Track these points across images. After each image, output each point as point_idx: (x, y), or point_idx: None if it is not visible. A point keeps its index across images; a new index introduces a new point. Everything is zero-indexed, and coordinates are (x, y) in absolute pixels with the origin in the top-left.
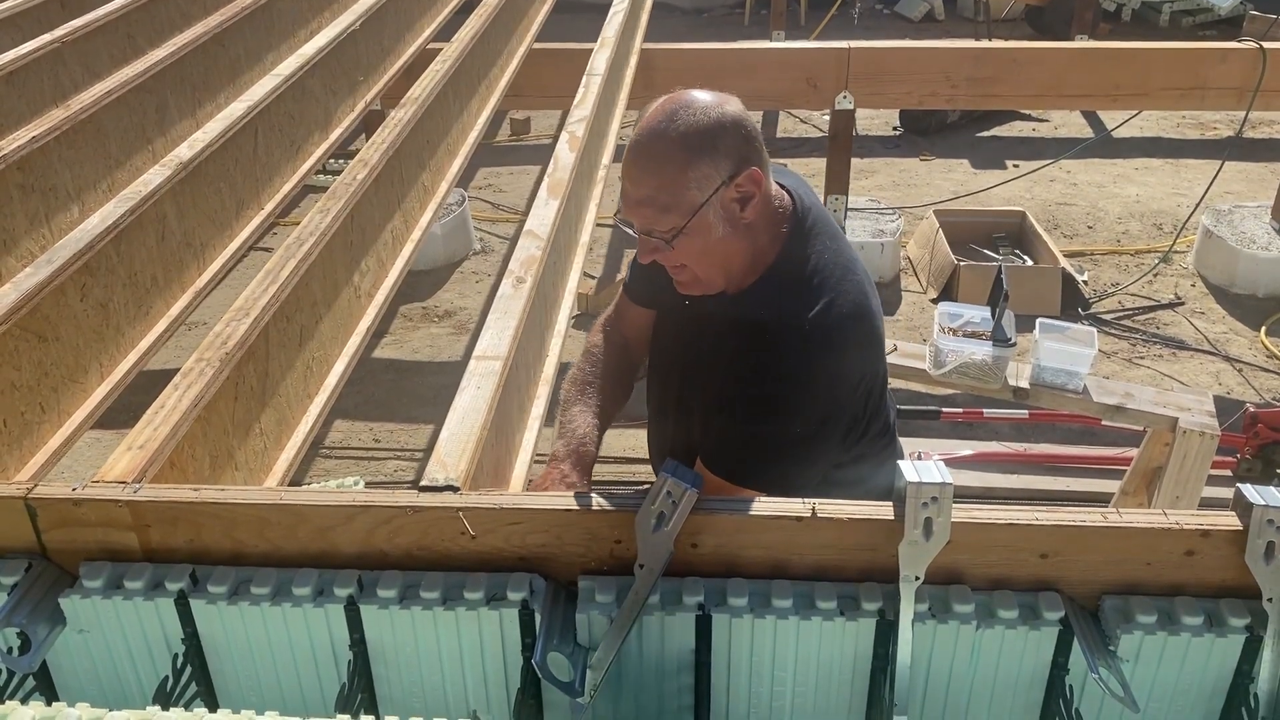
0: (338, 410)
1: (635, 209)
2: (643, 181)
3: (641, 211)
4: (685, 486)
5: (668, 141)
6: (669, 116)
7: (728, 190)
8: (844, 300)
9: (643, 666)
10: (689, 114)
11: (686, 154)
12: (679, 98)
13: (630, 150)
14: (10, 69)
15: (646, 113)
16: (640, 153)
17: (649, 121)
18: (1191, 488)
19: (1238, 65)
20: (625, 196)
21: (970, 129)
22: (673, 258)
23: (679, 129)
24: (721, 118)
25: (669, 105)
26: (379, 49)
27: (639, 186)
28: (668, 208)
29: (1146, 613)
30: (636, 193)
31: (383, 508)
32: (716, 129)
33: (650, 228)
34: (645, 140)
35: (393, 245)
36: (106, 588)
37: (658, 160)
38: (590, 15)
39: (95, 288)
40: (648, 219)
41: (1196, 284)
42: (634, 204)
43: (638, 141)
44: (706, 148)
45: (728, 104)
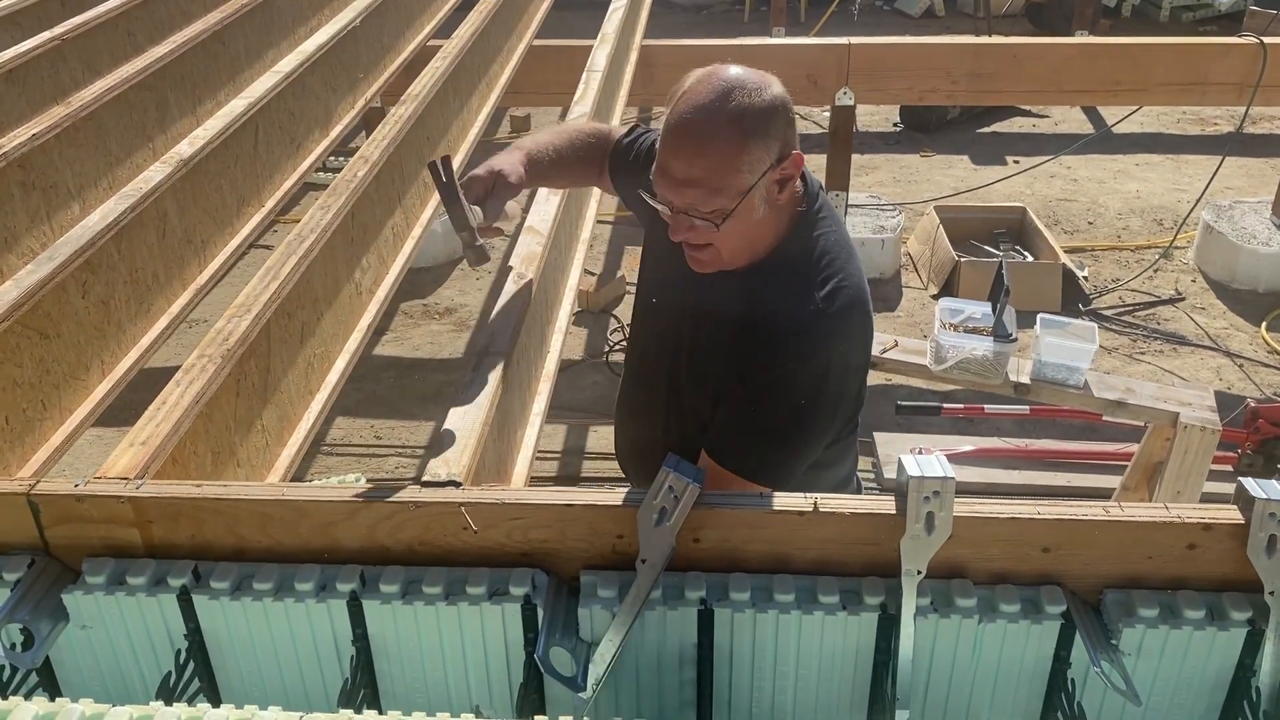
0: (339, 407)
1: (680, 188)
2: (695, 162)
3: (687, 192)
4: (687, 481)
5: (724, 121)
6: (722, 95)
7: (773, 173)
8: (851, 284)
9: (645, 661)
10: (743, 94)
11: (743, 137)
12: (727, 75)
13: (679, 127)
14: (10, 66)
15: (690, 88)
16: (693, 131)
17: (699, 99)
18: (1193, 483)
19: (1238, 61)
20: (667, 174)
21: (971, 125)
22: (707, 237)
23: (735, 109)
24: (774, 99)
25: (719, 83)
26: (379, 46)
27: (690, 166)
28: (718, 190)
29: (1148, 606)
30: (685, 172)
31: (385, 503)
32: (770, 111)
33: (694, 207)
34: (699, 119)
35: (394, 242)
36: (109, 584)
37: (713, 141)
38: (590, 12)
39: (96, 285)
40: (693, 199)
41: (1197, 279)
42: (679, 183)
43: (688, 119)
44: (760, 130)
45: (775, 84)
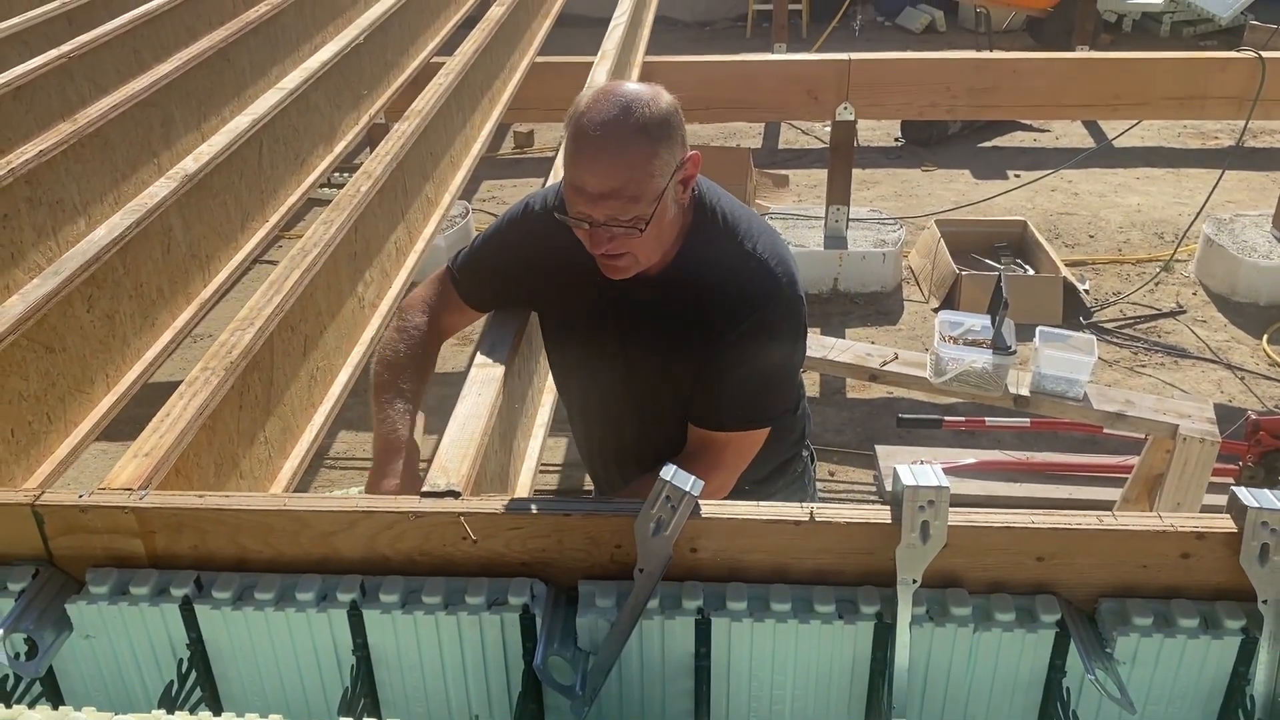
0: (342, 421)
1: (598, 202)
2: (609, 174)
3: (607, 204)
4: (684, 491)
5: (631, 132)
6: (624, 109)
7: (679, 174)
8: (765, 239)
9: (643, 670)
10: (642, 105)
11: (651, 144)
12: (622, 90)
13: (586, 145)
14: (18, 84)
15: (589, 107)
16: (602, 146)
17: (602, 115)
18: (1193, 495)
19: (1237, 75)
20: (581, 192)
21: (972, 139)
22: (626, 245)
23: (639, 120)
24: (669, 106)
25: (618, 99)
26: (383, 63)
27: (605, 179)
28: (636, 197)
29: (1143, 615)
30: (601, 186)
31: (385, 513)
32: (670, 116)
33: (615, 218)
34: (606, 133)
35: (396, 256)
36: (112, 594)
37: (624, 152)
38: (593, 29)
39: (101, 299)
40: (613, 210)
41: (1198, 293)
42: (596, 198)
43: (595, 136)
44: (665, 136)
45: (664, 93)
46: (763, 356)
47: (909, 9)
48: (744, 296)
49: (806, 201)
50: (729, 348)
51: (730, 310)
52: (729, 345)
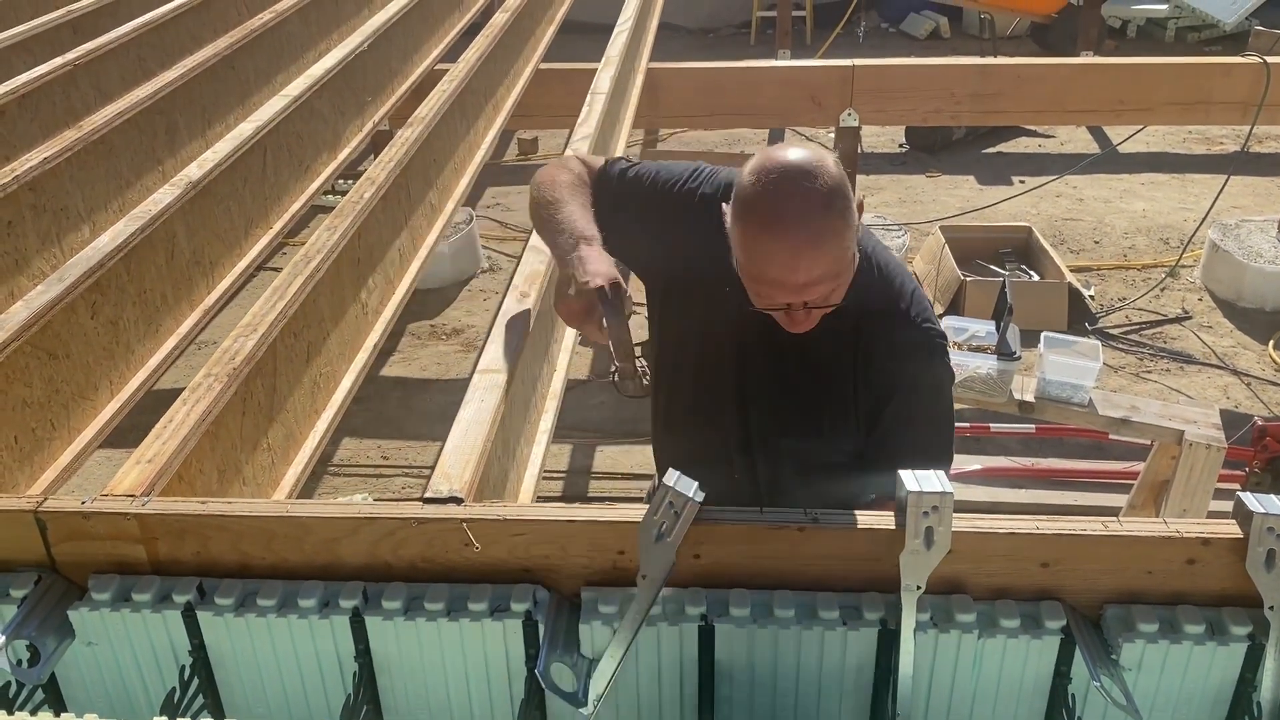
0: (346, 428)
1: (806, 290)
2: (813, 267)
3: (817, 289)
4: (687, 497)
5: (826, 218)
6: (802, 194)
7: (857, 226)
8: (895, 262)
9: (646, 677)
10: (817, 179)
11: (843, 219)
12: (786, 165)
13: (782, 241)
14: (23, 91)
15: (762, 196)
16: (804, 240)
17: (788, 207)
18: (1199, 501)
19: (1241, 80)
20: (781, 286)
21: (976, 145)
22: (822, 313)
23: (826, 199)
24: (835, 163)
25: (793, 183)
26: (387, 70)
27: (809, 272)
28: (839, 274)
29: (1148, 621)
30: (807, 277)
31: (387, 519)
32: (841, 176)
33: (826, 300)
34: (803, 225)
35: (400, 263)
36: (115, 600)
37: (824, 242)
38: (597, 36)
39: (105, 305)
40: (819, 294)
41: (1203, 298)
42: (802, 287)
43: (791, 229)
44: (847, 202)
45: (819, 149)
46: (941, 397)
47: (913, 15)
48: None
49: None
50: (903, 414)
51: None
52: (902, 410)
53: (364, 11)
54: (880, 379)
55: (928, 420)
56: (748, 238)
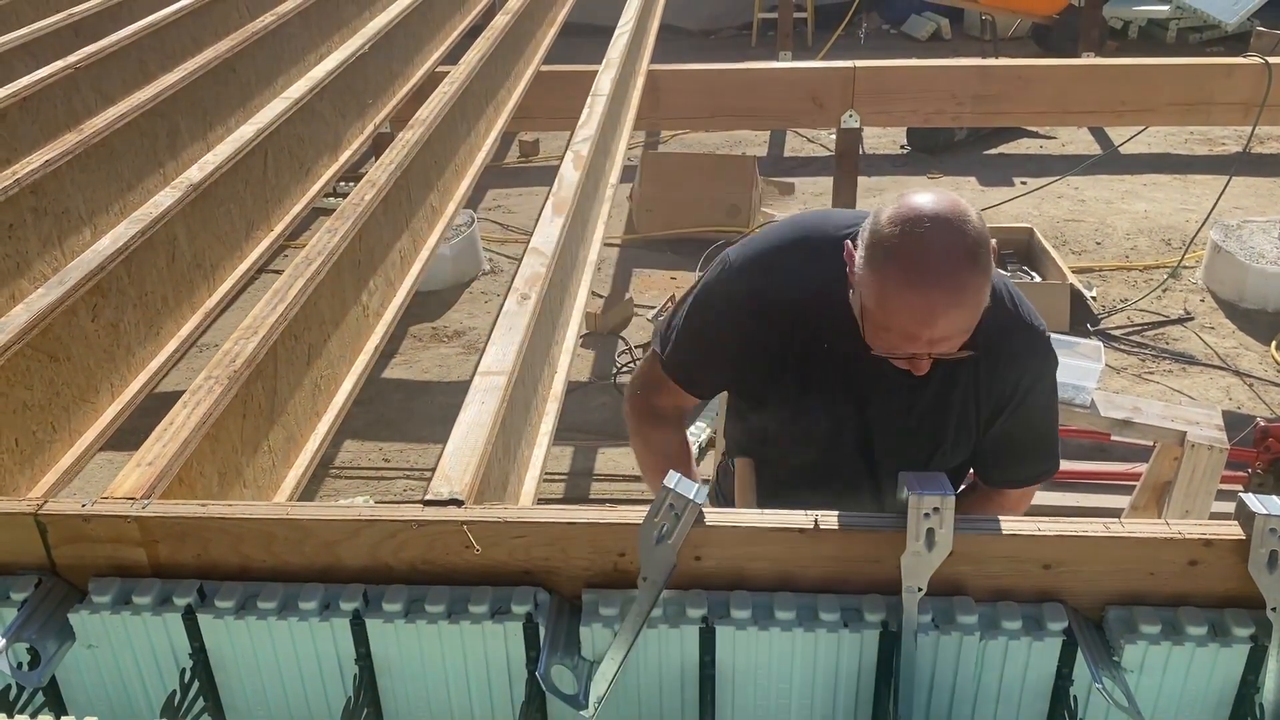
0: (347, 430)
1: (939, 344)
2: (954, 319)
3: (950, 343)
4: (688, 499)
5: (970, 271)
6: (947, 247)
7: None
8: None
9: (647, 680)
10: (964, 232)
11: (984, 275)
12: (934, 215)
13: (921, 295)
14: (25, 95)
15: (906, 242)
16: (941, 295)
17: (928, 257)
18: (1201, 502)
19: (1243, 80)
20: (915, 339)
21: (978, 147)
22: None
23: (969, 251)
24: (978, 215)
25: (939, 231)
26: (388, 72)
27: (950, 324)
28: (969, 329)
29: (1150, 623)
30: (945, 331)
31: (388, 522)
32: (984, 230)
33: (954, 349)
34: (942, 279)
35: (401, 265)
36: (115, 603)
37: (966, 294)
38: (598, 37)
39: (106, 308)
40: (951, 345)
41: (1206, 299)
42: (934, 341)
43: (932, 284)
44: (990, 257)
45: (958, 200)
46: (1050, 409)
47: (914, 16)
48: (1024, 354)
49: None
50: (1022, 409)
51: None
52: (1021, 406)
53: (365, 14)
54: (1001, 385)
55: (1045, 417)
56: (885, 287)
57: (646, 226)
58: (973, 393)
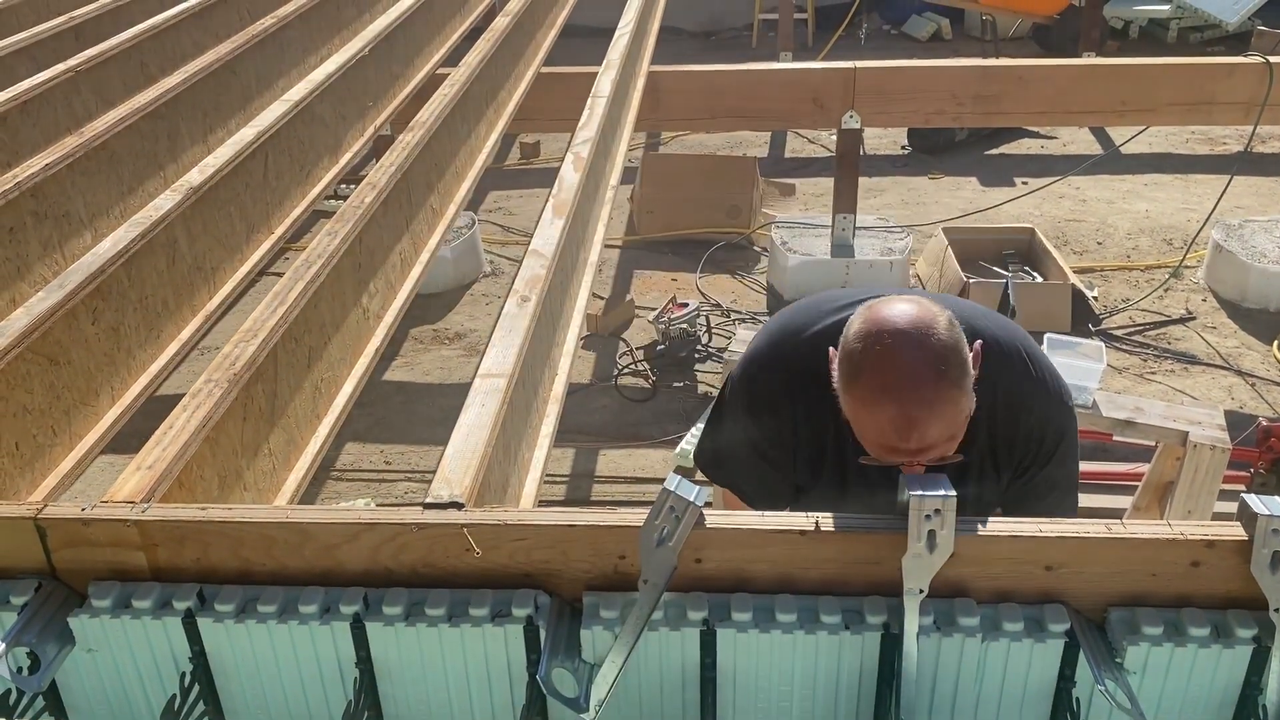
0: (349, 433)
1: (924, 454)
2: (929, 432)
3: (934, 453)
4: (688, 501)
5: (936, 384)
6: (911, 363)
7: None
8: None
9: (648, 682)
10: (928, 343)
11: (956, 386)
12: (894, 329)
13: (890, 411)
14: (25, 98)
15: (869, 359)
16: (911, 411)
17: (893, 374)
18: (1203, 502)
19: (1244, 80)
20: (898, 451)
21: (979, 147)
22: None
23: (935, 364)
24: (949, 321)
25: (901, 345)
26: (388, 74)
27: (925, 437)
28: (955, 435)
29: (1153, 624)
30: (921, 443)
31: (388, 525)
32: (958, 336)
33: (941, 457)
34: (909, 395)
35: (401, 267)
36: (115, 607)
37: (937, 406)
38: (598, 39)
39: (106, 311)
40: (939, 453)
41: (1207, 299)
42: (918, 451)
43: (899, 401)
44: (963, 366)
45: (932, 306)
46: (1071, 469)
47: (915, 17)
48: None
49: (813, 210)
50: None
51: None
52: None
53: (365, 16)
54: (1023, 448)
55: (1067, 476)
56: (856, 405)
57: (647, 228)
58: (990, 458)
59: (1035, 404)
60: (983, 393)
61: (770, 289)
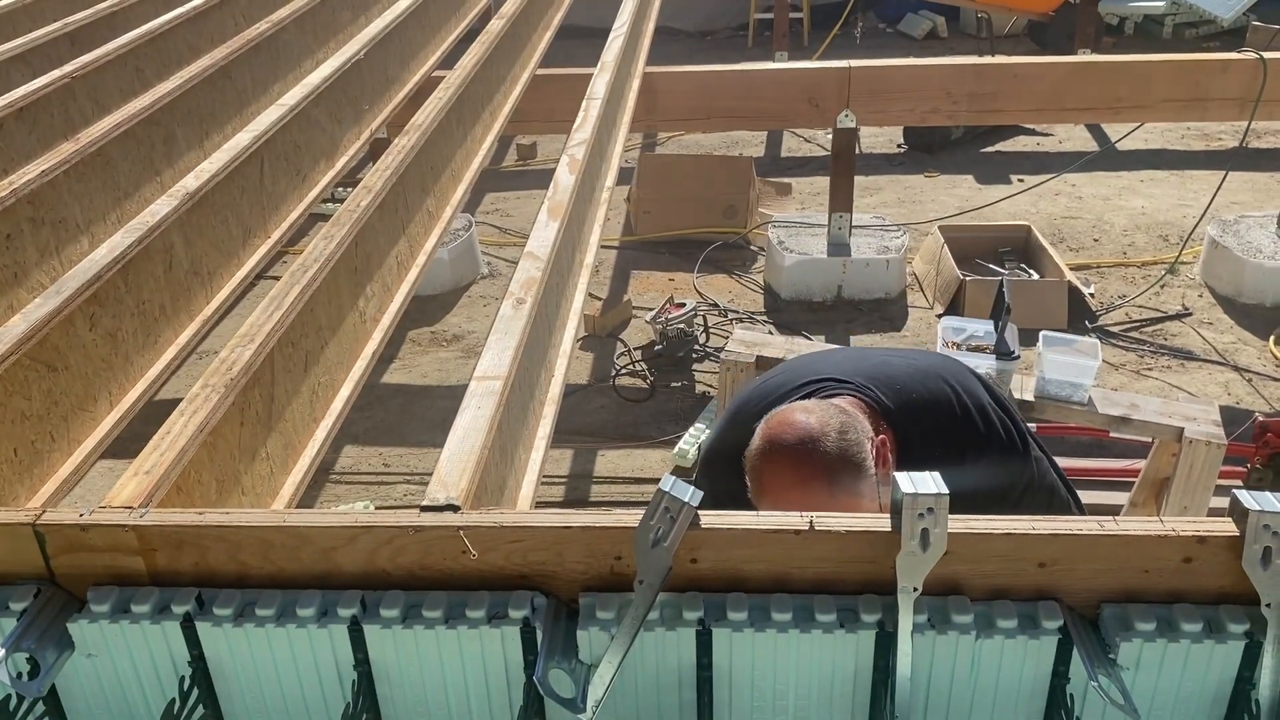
0: (347, 436)
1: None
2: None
3: None
4: (683, 502)
5: (834, 491)
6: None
7: (878, 470)
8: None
9: (644, 682)
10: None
11: (851, 492)
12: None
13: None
14: (21, 104)
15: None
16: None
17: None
18: (1199, 498)
19: (1238, 76)
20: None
21: (975, 145)
22: None
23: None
24: (839, 432)
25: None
26: (384, 78)
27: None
28: None
29: (1145, 620)
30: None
31: (384, 528)
32: (845, 446)
33: None
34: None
35: (398, 270)
36: (114, 612)
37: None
38: (594, 40)
39: (104, 317)
40: None
41: (1204, 294)
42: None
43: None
44: (858, 470)
45: (818, 413)
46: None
47: (910, 15)
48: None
49: (809, 209)
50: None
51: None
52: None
53: (360, 19)
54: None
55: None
56: (759, 505)
57: (644, 228)
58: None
59: (969, 450)
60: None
61: (767, 288)
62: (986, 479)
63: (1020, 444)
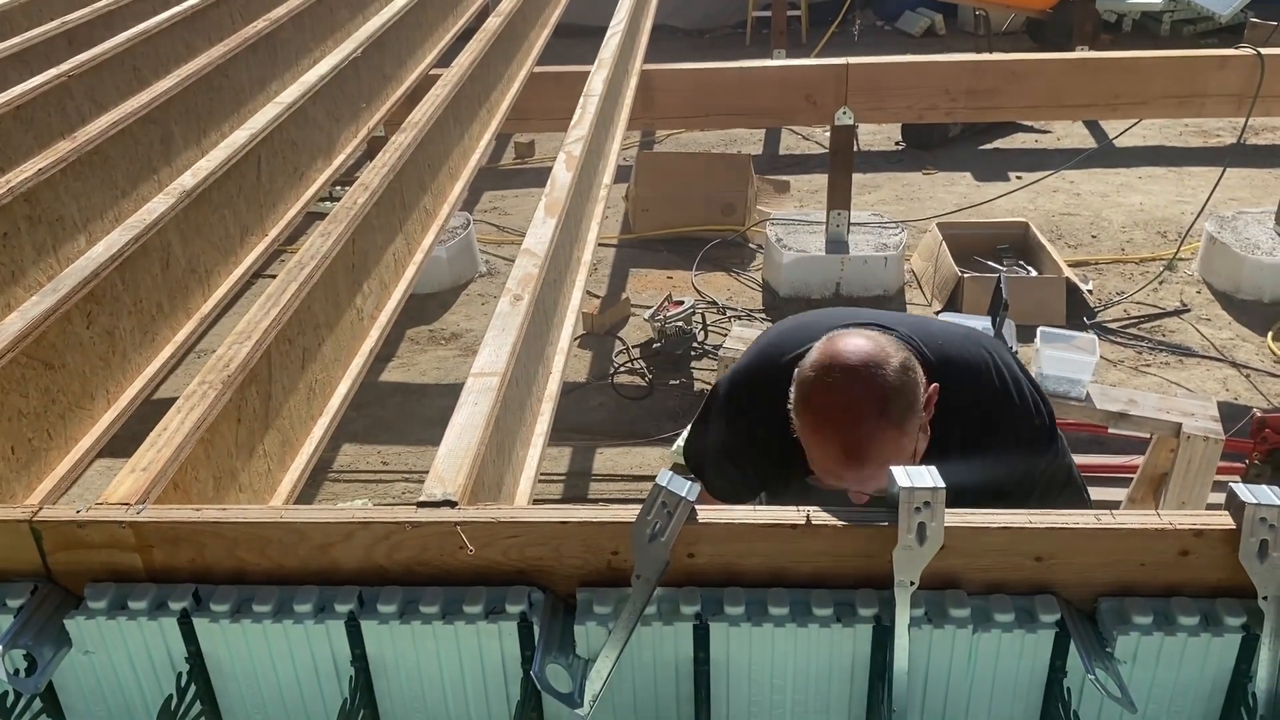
0: (346, 434)
1: (864, 484)
2: (864, 465)
3: (874, 484)
4: (680, 496)
5: (876, 421)
6: (855, 399)
7: (924, 416)
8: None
9: (641, 677)
10: (873, 382)
11: (896, 427)
12: (844, 365)
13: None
14: (18, 103)
15: (817, 390)
16: (849, 443)
17: (835, 407)
18: (1197, 493)
19: (1236, 72)
20: (841, 478)
21: (973, 142)
22: None
23: (879, 402)
24: (899, 366)
25: (848, 381)
26: (381, 76)
27: (860, 469)
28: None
29: (1142, 613)
30: (857, 475)
31: (381, 524)
32: (905, 381)
33: (880, 489)
34: (848, 429)
35: (395, 268)
36: (111, 609)
37: (874, 442)
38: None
39: (101, 315)
40: (875, 485)
41: (1202, 291)
42: (855, 480)
43: (845, 438)
44: (910, 408)
45: (884, 342)
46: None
47: (908, 13)
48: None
49: (808, 207)
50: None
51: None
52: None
53: (358, 18)
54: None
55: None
56: (803, 429)
57: (643, 226)
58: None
59: (1003, 422)
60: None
61: (766, 286)
62: (1014, 456)
63: (1049, 425)
